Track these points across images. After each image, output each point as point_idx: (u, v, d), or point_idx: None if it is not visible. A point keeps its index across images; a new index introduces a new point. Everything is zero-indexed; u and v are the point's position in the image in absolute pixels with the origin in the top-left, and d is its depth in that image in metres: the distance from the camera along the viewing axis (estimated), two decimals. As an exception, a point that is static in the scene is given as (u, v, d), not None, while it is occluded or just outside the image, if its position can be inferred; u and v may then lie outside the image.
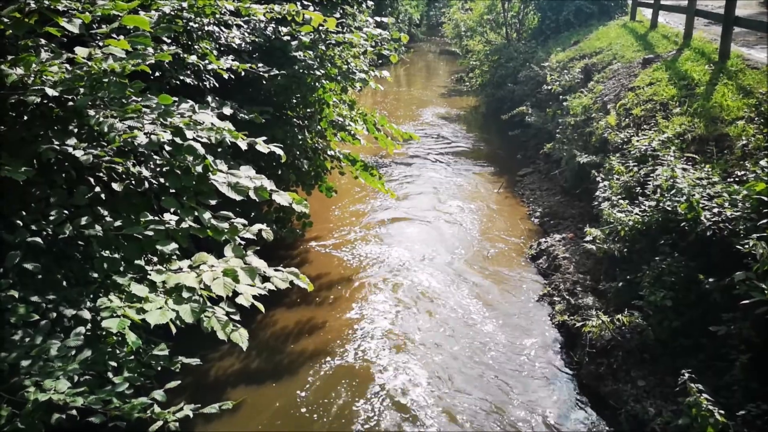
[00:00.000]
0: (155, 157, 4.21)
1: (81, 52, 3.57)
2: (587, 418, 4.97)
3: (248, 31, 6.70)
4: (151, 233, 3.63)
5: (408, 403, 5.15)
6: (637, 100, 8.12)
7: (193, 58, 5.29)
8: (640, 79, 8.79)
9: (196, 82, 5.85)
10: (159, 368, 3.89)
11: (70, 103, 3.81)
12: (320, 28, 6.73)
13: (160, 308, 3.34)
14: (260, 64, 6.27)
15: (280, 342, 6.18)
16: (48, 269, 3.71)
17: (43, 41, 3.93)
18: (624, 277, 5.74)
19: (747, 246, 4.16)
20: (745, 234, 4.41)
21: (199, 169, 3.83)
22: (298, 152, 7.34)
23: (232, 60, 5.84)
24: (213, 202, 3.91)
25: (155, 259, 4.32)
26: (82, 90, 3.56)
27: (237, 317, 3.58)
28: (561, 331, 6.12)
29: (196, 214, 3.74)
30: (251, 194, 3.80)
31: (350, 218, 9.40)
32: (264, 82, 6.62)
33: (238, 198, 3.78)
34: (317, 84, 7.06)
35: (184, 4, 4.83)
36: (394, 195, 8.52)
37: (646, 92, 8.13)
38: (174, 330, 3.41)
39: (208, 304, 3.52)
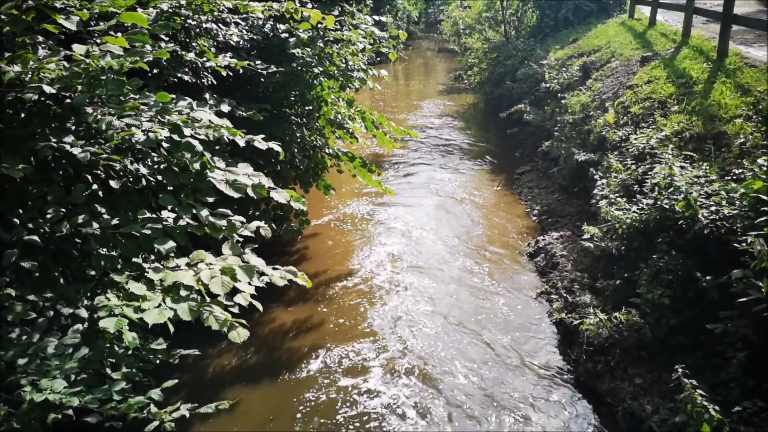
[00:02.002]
0: (153, 154, 4.21)
1: (79, 49, 3.56)
2: (584, 415, 4.98)
3: (246, 28, 6.69)
4: (148, 231, 3.63)
5: (404, 405, 5.15)
6: (636, 98, 8.12)
7: (191, 56, 5.29)
8: (639, 77, 8.79)
9: (194, 80, 5.84)
10: (157, 362, 3.88)
11: (68, 101, 3.80)
12: (319, 25, 6.72)
13: (158, 307, 3.33)
14: (258, 62, 6.27)
15: (278, 339, 6.19)
16: (45, 267, 3.70)
17: (40, 38, 3.92)
18: (621, 275, 5.75)
19: (744, 244, 4.17)
20: (742, 232, 4.42)
21: (196, 166, 3.82)
22: (296, 150, 7.34)
23: (230, 57, 5.83)
24: (211, 200, 3.91)
25: (153, 256, 4.32)
26: (79, 87, 3.56)
27: (235, 310, 3.57)
28: (558, 329, 6.13)
29: (193, 211, 3.73)
30: (249, 192, 3.80)
31: (347, 214, 9.40)
32: (262, 79, 6.62)
33: (236, 195, 3.77)
34: (315, 81, 7.06)
35: (182, 2, 4.82)
36: (392, 193, 8.53)
37: (645, 90, 8.13)
38: (172, 329, 3.40)
39: (207, 300, 3.51)
